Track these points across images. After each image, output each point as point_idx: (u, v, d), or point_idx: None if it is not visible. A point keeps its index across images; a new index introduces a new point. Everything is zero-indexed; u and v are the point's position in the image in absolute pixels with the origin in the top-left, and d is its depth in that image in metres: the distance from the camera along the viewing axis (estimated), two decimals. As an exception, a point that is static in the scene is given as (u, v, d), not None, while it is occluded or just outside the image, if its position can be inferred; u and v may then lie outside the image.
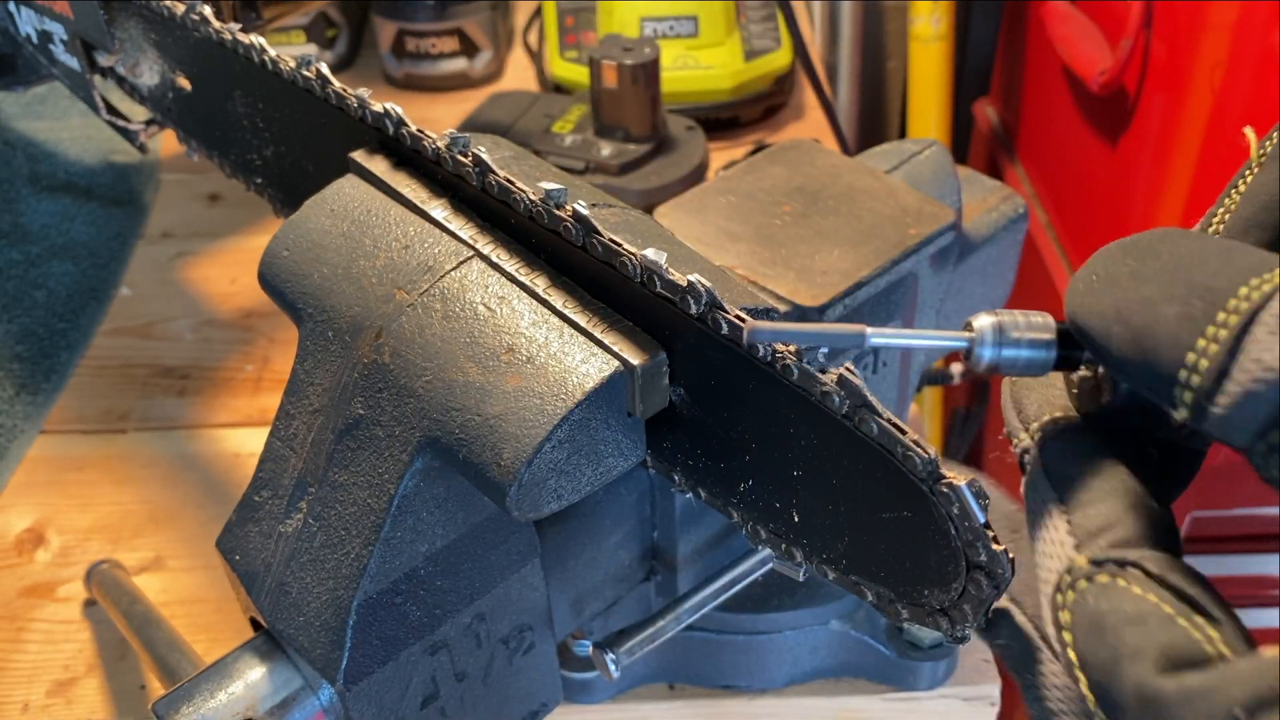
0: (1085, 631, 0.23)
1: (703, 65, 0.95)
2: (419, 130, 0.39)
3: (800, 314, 0.43)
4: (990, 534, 0.27)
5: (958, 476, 0.27)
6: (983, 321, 0.27)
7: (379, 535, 0.36)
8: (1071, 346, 0.26)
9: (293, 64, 0.45)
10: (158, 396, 0.74)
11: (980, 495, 0.27)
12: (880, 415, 0.29)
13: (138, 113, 0.64)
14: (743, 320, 0.31)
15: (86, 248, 0.85)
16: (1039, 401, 0.29)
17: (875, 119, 1.54)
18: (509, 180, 0.37)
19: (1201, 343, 0.22)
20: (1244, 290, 0.22)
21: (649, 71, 0.82)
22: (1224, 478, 0.84)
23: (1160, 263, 0.24)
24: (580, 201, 0.34)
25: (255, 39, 0.46)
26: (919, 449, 0.28)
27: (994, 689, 0.56)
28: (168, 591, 0.61)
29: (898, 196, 0.49)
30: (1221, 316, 0.22)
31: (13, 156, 0.92)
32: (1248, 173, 0.28)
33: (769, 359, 0.31)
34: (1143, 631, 0.22)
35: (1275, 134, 0.27)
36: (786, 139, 0.67)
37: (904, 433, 0.29)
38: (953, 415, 1.34)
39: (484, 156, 0.37)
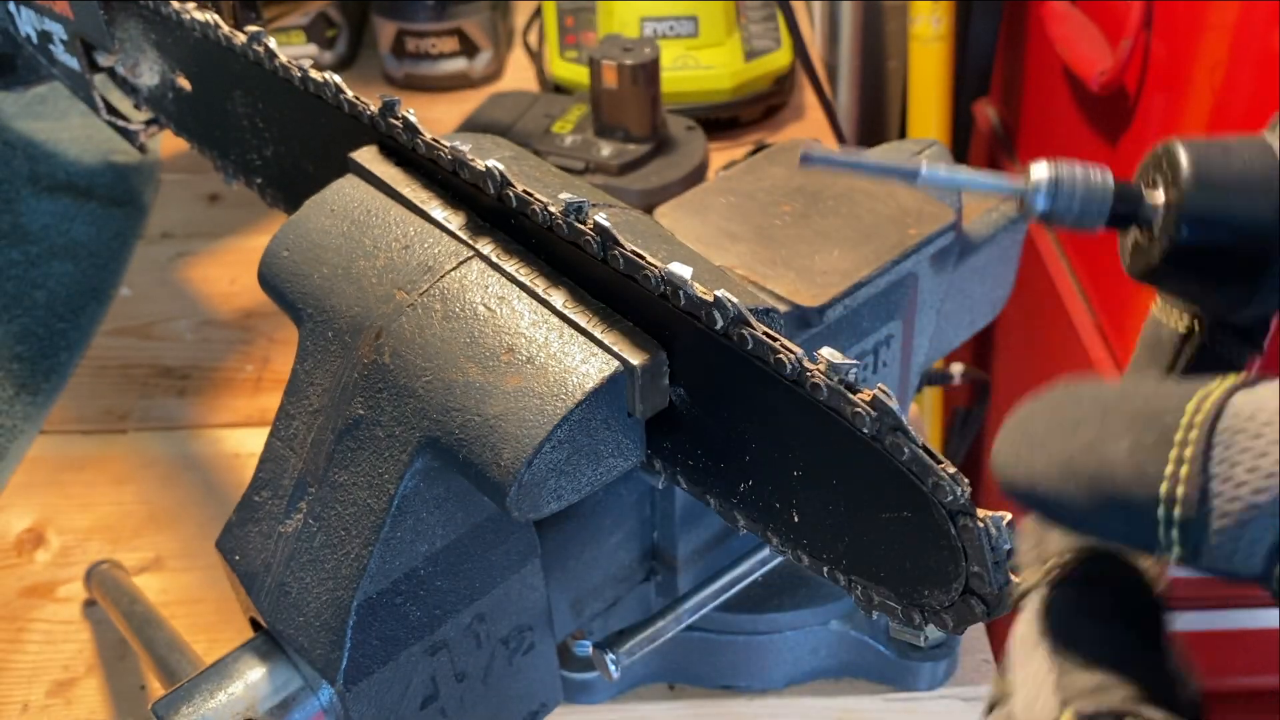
0: None
1: (703, 65, 0.95)
2: (434, 140, 0.39)
3: (800, 314, 0.43)
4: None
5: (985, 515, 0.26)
6: (1039, 172, 0.26)
7: (379, 535, 0.36)
8: (1125, 206, 0.26)
9: (298, 68, 0.45)
10: (158, 396, 0.74)
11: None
12: (915, 442, 0.29)
13: (137, 113, 0.64)
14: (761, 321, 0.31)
15: (86, 248, 0.85)
16: (1064, 542, 0.27)
17: (875, 119, 1.54)
18: (527, 193, 0.36)
19: (1169, 469, 0.20)
20: (1190, 407, 0.20)
21: (649, 71, 0.82)
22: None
23: (1085, 408, 0.22)
24: (602, 215, 0.34)
25: (268, 42, 0.46)
26: (950, 480, 0.28)
27: (994, 689, 0.56)
28: (168, 592, 0.61)
29: (898, 196, 0.49)
30: (1179, 436, 0.20)
31: (13, 156, 0.92)
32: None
33: (771, 361, 0.31)
34: None
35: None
36: (786, 139, 0.67)
37: (938, 461, 0.28)
38: (953, 415, 1.34)
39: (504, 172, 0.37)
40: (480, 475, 0.33)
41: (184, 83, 0.55)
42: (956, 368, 0.71)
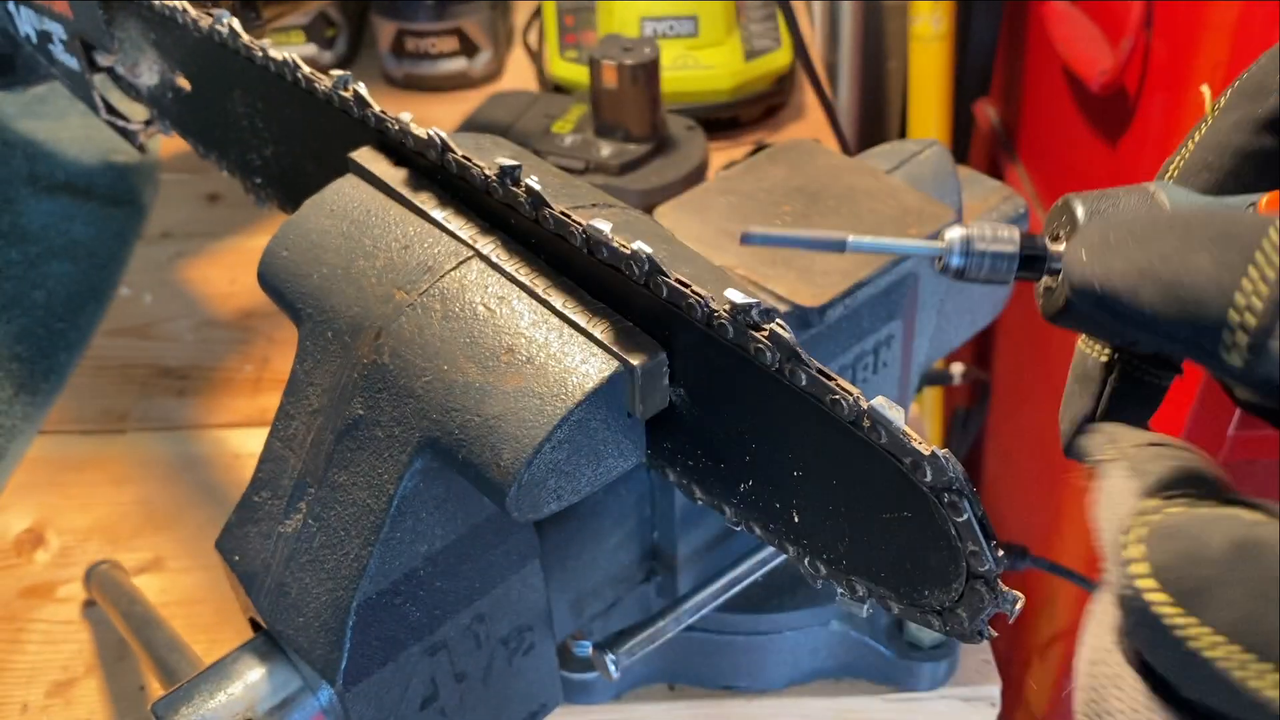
0: (1158, 541, 0.22)
1: (703, 65, 0.95)
2: (464, 157, 0.38)
3: (800, 314, 0.43)
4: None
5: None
6: (953, 233, 0.29)
7: (379, 536, 0.36)
8: (1033, 259, 0.28)
9: (302, 68, 0.44)
10: (157, 397, 0.74)
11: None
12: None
13: (138, 113, 0.64)
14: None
15: (86, 248, 0.85)
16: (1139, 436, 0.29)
17: (875, 119, 1.54)
18: (562, 214, 0.36)
19: (1248, 284, 0.22)
20: (1274, 232, 0.22)
21: (649, 71, 0.82)
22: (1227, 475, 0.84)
23: (1165, 224, 0.24)
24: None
25: (282, 53, 0.45)
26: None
27: (994, 689, 0.56)
28: (167, 592, 0.61)
29: (898, 196, 0.49)
30: (1260, 257, 0.22)
31: (12, 156, 0.92)
32: (1203, 125, 0.29)
33: (775, 365, 0.31)
34: (1219, 520, 0.22)
35: (1228, 91, 0.29)
36: (786, 139, 0.67)
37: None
38: (953, 415, 1.34)
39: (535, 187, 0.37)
40: (480, 475, 0.33)
41: (183, 83, 0.55)
42: (956, 368, 0.71)
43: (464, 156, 0.38)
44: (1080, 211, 0.27)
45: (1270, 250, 0.22)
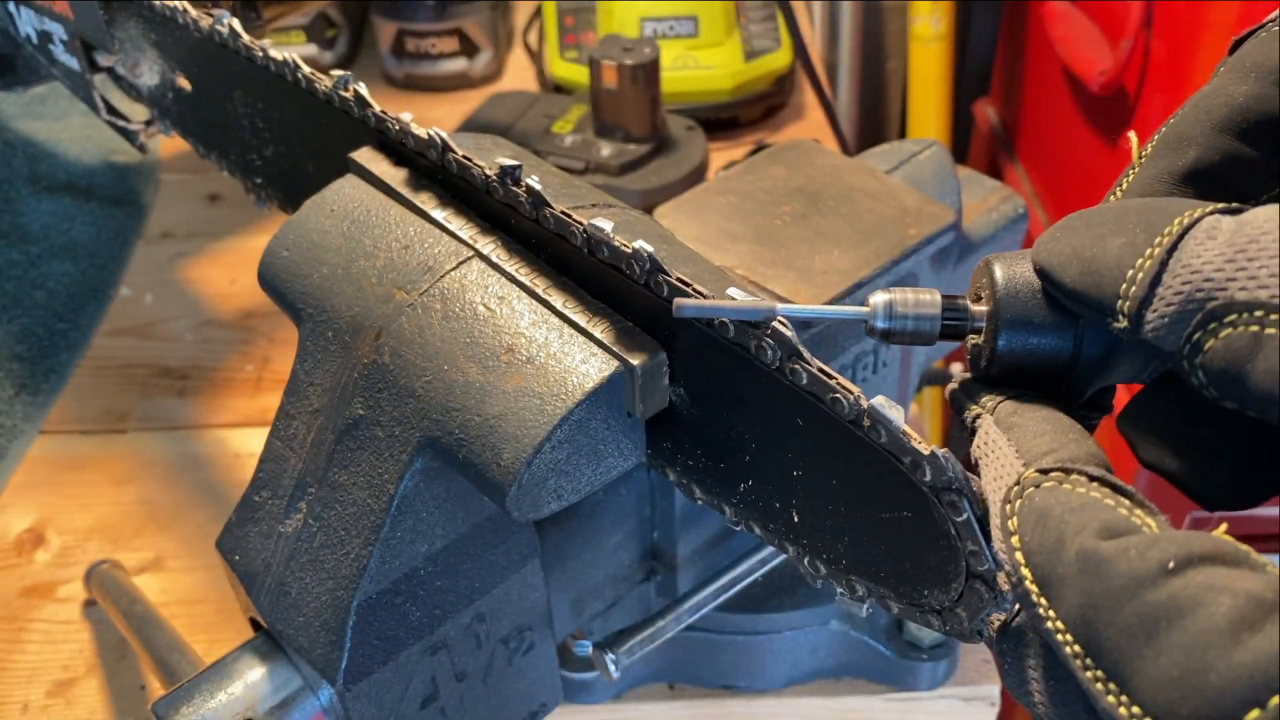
0: (1032, 524, 0.25)
1: (703, 65, 0.95)
2: (465, 157, 0.38)
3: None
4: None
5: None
6: (877, 298, 0.30)
7: (379, 535, 0.36)
8: (953, 322, 0.30)
9: (303, 68, 0.45)
10: (157, 397, 0.74)
11: None
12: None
13: (138, 112, 0.64)
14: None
15: (86, 248, 0.85)
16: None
17: (875, 119, 1.54)
18: (567, 215, 0.36)
19: (1140, 260, 0.26)
20: (1178, 219, 0.25)
21: (649, 71, 0.82)
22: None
23: (1111, 212, 0.27)
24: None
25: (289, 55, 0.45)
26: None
27: (994, 689, 0.56)
28: (168, 592, 0.61)
29: (898, 197, 0.49)
30: (1158, 240, 0.25)
31: (13, 156, 0.92)
32: (1130, 172, 0.31)
33: (776, 364, 0.31)
34: (1085, 514, 0.24)
35: (1154, 139, 0.31)
36: (786, 139, 0.67)
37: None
38: (953, 415, 1.34)
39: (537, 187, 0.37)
40: (480, 475, 0.33)
41: (184, 83, 0.55)
42: (956, 368, 0.71)
43: (464, 156, 0.38)
44: (998, 275, 0.29)
45: (1168, 235, 0.25)
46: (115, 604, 0.56)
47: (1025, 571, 0.24)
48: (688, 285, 0.32)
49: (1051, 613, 0.23)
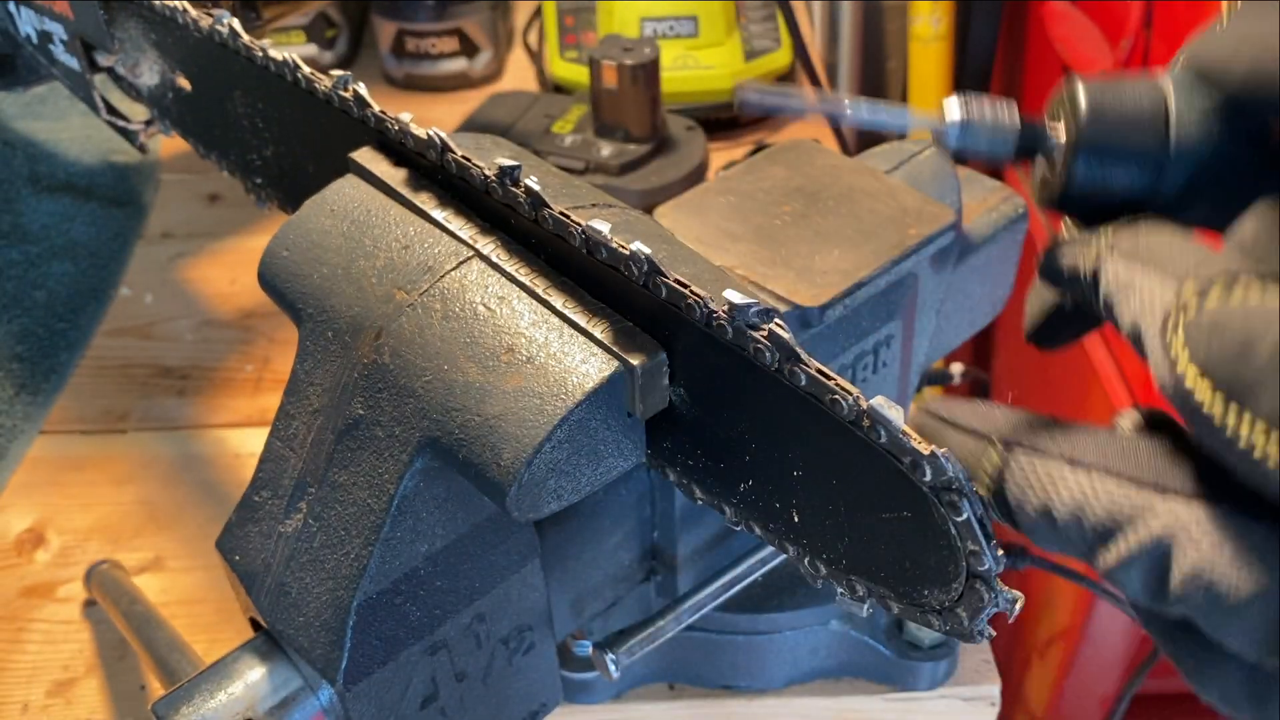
0: (1205, 340, 0.23)
1: (703, 65, 0.95)
2: (464, 158, 0.38)
3: (800, 314, 0.43)
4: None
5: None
6: (953, 112, 0.29)
7: (379, 535, 0.36)
8: (1028, 141, 0.28)
9: (302, 68, 0.45)
10: (157, 396, 0.74)
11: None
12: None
13: (138, 112, 0.64)
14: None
15: (86, 248, 0.85)
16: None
17: (875, 119, 1.53)
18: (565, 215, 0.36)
19: None
20: None
21: (649, 71, 0.82)
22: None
23: None
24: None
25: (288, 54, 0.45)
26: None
27: (994, 689, 0.56)
28: (168, 592, 0.61)
29: (898, 196, 0.49)
30: None
31: (13, 156, 0.92)
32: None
33: (775, 365, 0.31)
34: (1264, 315, 0.22)
35: None
36: (786, 139, 0.67)
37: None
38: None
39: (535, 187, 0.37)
40: (480, 475, 0.33)
41: (184, 83, 0.55)
42: (956, 368, 0.71)
43: (464, 157, 0.38)
44: (1082, 98, 0.27)
45: None
46: (115, 604, 0.56)
47: (1206, 393, 0.23)
48: (686, 286, 0.32)
49: (1245, 426, 0.22)
